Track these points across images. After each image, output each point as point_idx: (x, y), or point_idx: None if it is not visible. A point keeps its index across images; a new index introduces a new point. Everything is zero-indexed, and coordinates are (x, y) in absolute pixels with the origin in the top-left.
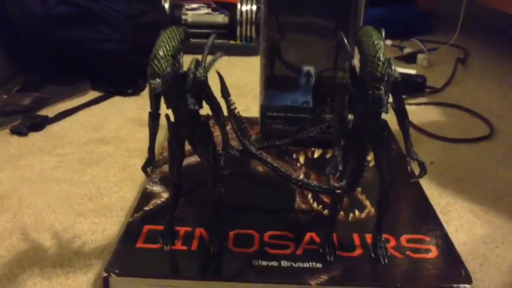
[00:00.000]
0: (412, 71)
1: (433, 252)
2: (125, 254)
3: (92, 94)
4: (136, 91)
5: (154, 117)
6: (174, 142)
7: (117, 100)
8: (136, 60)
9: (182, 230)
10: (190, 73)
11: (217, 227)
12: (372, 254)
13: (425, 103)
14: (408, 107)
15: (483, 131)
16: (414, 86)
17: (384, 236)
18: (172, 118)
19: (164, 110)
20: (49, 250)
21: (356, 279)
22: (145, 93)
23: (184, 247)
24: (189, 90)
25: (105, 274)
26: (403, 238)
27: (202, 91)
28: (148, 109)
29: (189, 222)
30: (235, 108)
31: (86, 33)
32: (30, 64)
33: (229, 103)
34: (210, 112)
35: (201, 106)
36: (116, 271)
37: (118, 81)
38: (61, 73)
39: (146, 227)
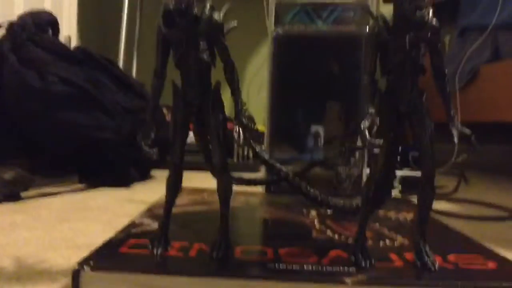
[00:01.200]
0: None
1: (492, 265)
2: (105, 252)
3: (79, 186)
4: (127, 183)
5: (159, 74)
6: (179, 110)
7: (105, 189)
8: (129, 153)
9: (177, 244)
10: (205, 14)
11: (224, 228)
12: (418, 263)
13: (441, 199)
14: None
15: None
16: None
17: None
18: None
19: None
20: (7, 268)
21: (404, 278)
22: (135, 185)
23: (179, 254)
24: (203, 35)
25: (77, 267)
26: (451, 256)
27: (217, 39)
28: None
29: (186, 237)
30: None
31: (82, 117)
32: (20, 149)
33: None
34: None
35: (214, 61)
36: (91, 264)
37: (107, 173)
38: (50, 163)
39: (132, 240)
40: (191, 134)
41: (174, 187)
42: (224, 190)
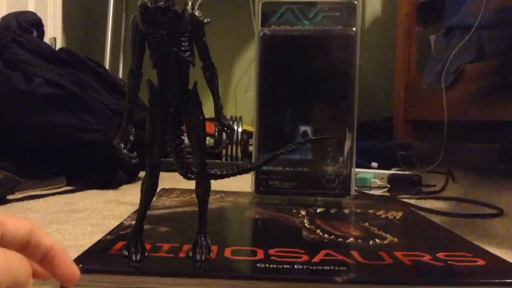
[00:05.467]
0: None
1: (481, 262)
2: (94, 254)
3: (67, 188)
4: (115, 185)
5: (135, 74)
6: (157, 110)
7: (93, 191)
8: (117, 155)
9: (166, 246)
10: (187, 12)
11: (204, 229)
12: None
13: (429, 198)
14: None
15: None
16: (411, 183)
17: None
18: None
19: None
20: None
21: (394, 276)
22: (123, 187)
23: (169, 255)
24: (185, 33)
25: None
26: (440, 254)
27: (199, 37)
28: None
29: (176, 238)
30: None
31: (69, 119)
32: (7, 152)
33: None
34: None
35: (193, 60)
36: (80, 266)
37: (95, 175)
38: (37, 165)
39: (121, 242)
40: None
41: (151, 189)
42: (203, 191)
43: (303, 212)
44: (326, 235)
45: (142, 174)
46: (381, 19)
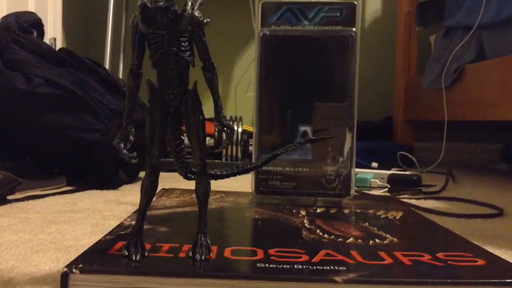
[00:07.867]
0: (407, 172)
1: (481, 262)
2: (94, 254)
3: (67, 189)
4: (115, 185)
5: (135, 74)
6: (157, 110)
7: (93, 191)
8: (117, 155)
9: (166, 246)
10: (186, 12)
11: (204, 229)
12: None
13: (429, 198)
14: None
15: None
16: (411, 183)
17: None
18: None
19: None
20: None
21: (394, 275)
22: (123, 187)
23: (169, 255)
24: (184, 33)
25: (65, 270)
26: (440, 254)
27: (199, 37)
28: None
29: (176, 239)
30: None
31: (69, 119)
32: (7, 152)
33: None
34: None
35: (193, 60)
36: (80, 266)
37: (95, 175)
38: (37, 165)
39: (121, 242)
40: None
41: (151, 189)
42: (203, 191)
43: (303, 212)
44: (326, 235)
45: (142, 174)
46: (381, 19)
